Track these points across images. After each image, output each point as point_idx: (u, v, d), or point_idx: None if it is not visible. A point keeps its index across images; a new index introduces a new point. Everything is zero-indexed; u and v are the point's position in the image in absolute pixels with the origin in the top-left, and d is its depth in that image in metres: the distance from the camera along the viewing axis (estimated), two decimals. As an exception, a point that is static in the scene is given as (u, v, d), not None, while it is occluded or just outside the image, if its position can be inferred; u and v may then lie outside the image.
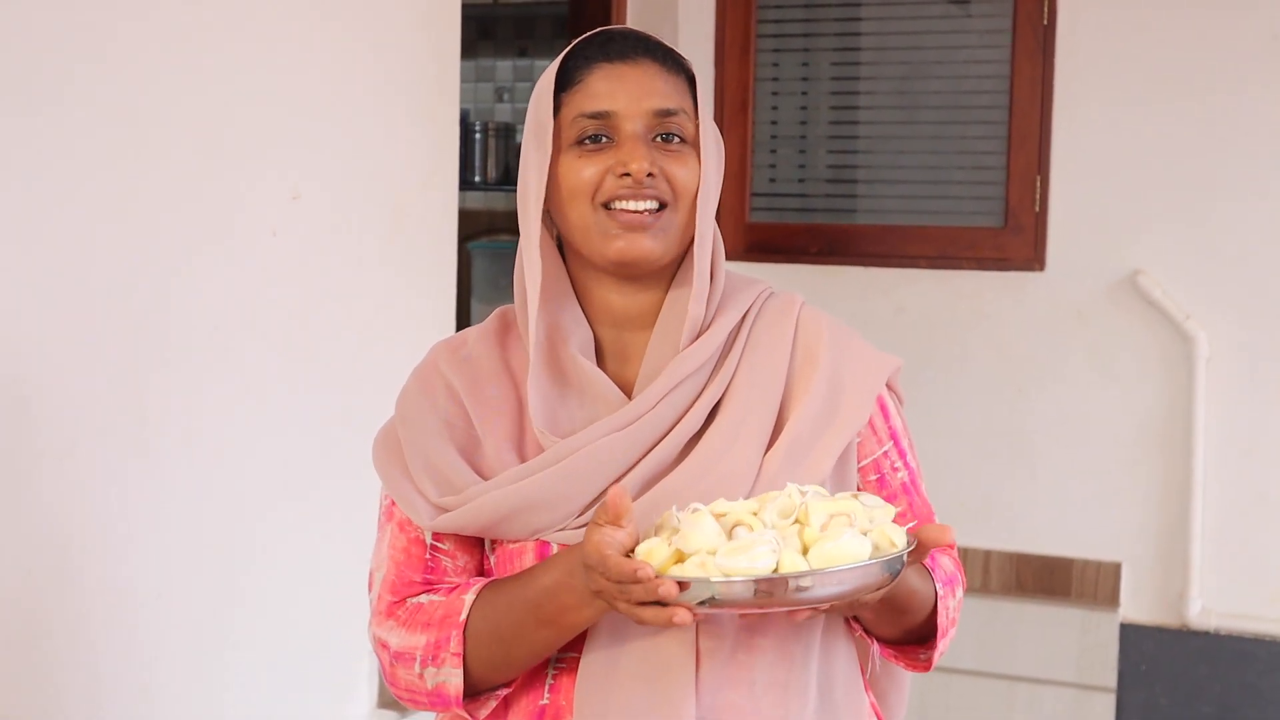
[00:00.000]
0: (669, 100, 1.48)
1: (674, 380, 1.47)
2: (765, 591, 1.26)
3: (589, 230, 1.48)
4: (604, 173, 1.46)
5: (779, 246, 4.07)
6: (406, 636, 1.49)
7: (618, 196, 1.46)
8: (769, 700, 1.45)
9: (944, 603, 1.50)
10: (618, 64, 1.49)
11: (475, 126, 5.33)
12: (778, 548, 1.27)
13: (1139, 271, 3.74)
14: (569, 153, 1.48)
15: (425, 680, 1.48)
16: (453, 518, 1.47)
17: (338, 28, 2.69)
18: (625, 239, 1.46)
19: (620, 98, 1.47)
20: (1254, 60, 3.65)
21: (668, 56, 1.51)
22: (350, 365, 2.74)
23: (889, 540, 1.30)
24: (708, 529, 1.30)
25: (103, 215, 2.19)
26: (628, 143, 1.46)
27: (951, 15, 3.98)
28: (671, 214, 1.47)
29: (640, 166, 1.45)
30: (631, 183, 1.45)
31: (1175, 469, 3.74)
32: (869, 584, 1.29)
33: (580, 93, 1.48)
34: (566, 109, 1.49)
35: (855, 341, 1.57)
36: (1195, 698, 3.76)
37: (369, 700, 2.84)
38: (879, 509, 1.34)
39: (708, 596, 1.26)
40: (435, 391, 1.54)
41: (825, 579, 1.26)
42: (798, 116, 4.17)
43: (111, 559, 2.24)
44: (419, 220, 2.93)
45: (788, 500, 1.33)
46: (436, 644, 1.47)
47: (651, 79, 1.48)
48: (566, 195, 1.48)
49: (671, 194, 1.47)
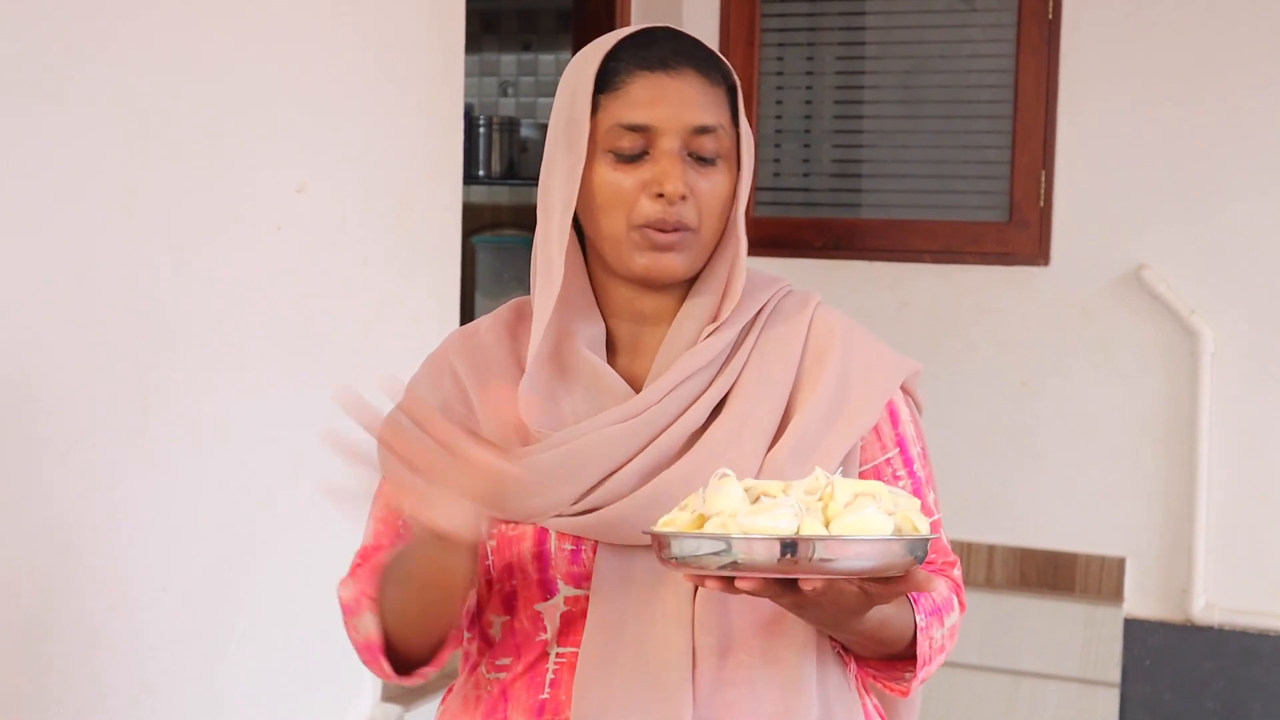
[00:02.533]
0: (707, 116, 1.47)
1: (683, 374, 1.47)
2: (789, 558, 1.23)
3: (619, 244, 1.47)
4: (639, 189, 1.46)
5: (783, 241, 4.07)
6: (352, 587, 1.50)
7: (653, 220, 1.45)
8: (770, 698, 1.44)
9: (926, 633, 1.47)
10: (659, 74, 1.46)
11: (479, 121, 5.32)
12: (800, 514, 1.26)
13: (1144, 266, 3.73)
14: (603, 160, 1.47)
15: (359, 632, 1.48)
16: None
17: (342, 22, 2.68)
18: (652, 257, 1.46)
19: (660, 112, 1.45)
20: (1260, 55, 3.64)
21: (711, 66, 1.49)
22: (354, 359, 2.73)
23: (912, 525, 1.28)
24: (733, 493, 1.28)
25: (107, 210, 2.19)
26: (664, 160, 1.45)
27: (956, 9, 3.98)
28: (697, 234, 1.47)
29: (675, 189, 1.44)
30: (665, 203, 1.45)
31: (1179, 464, 3.74)
32: (891, 563, 1.26)
33: (620, 99, 1.46)
34: (604, 113, 1.47)
35: (870, 343, 1.56)
36: (1199, 693, 3.76)
37: (373, 695, 2.84)
38: (904, 497, 1.32)
39: (731, 560, 1.24)
40: (441, 377, 1.55)
41: (847, 548, 1.24)
42: (802, 111, 4.17)
43: (115, 554, 2.24)
44: (423, 214, 2.93)
45: (814, 480, 1.31)
46: (362, 591, 1.48)
47: (692, 93, 1.47)
48: (600, 206, 1.47)
49: (698, 215, 1.47)
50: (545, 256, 1.49)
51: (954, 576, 1.57)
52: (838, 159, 4.15)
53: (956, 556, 1.60)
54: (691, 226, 1.46)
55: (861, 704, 1.56)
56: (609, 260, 1.50)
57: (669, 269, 1.47)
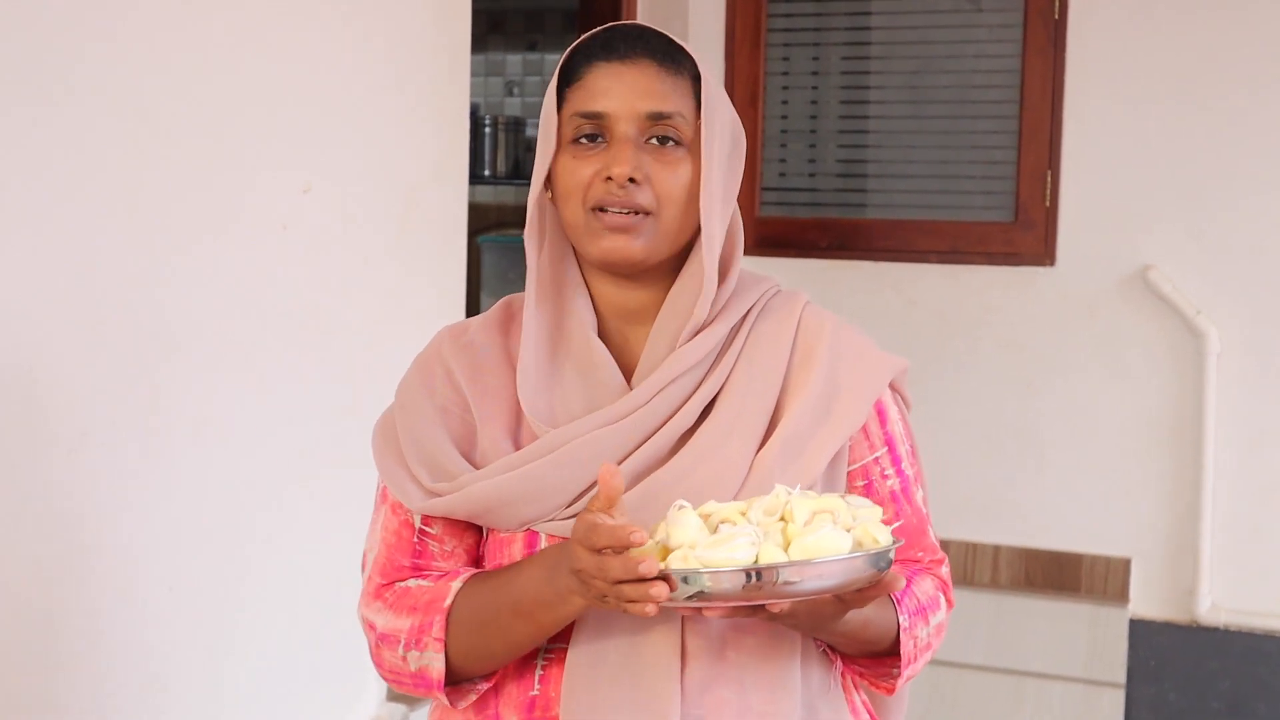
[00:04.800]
0: (664, 103, 1.48)
1: (670, 375, 1.47)
2: (754, 584, 1.27)
3: (579, 229, 1.49)
4: (594, 174, 1.47)
5: (789, 241, 4.07)
6: (393, 619, 1.50)
7: (603, 201, 1.46)
8: (758, 698, 1.45)
9: (910, 633, 1.48)
10: (615, 63, 1.48)
11: (485, 120, 5.33)
12: (757, 541, 1.29)
13: (1149, 267, 3.73)
14: (566, 150, 1.49)
15: (409, 663, 1.49)
16: (442, 502, 1.48)
17: (348, 21, 2.69)
18: (609, 240, 1.47)
19: (614, 98, 1.47)
20: (1266, 55, 3.64)
21: (669, 55, 1.50)
22: (359, 358, 2.74)
23: (872, 538, 1.31)
24: (690, 524, 1.32)
25: (113, 209, 2.19)
26: (616, 144, 1.47)
27: (962, 9, 3.98)
28: (654, 219, 1.47)
29: (621, 171, 1.45)
30: (615, 186, 1.46)
31: (1185, 464, 3.74)
32: (855, 578, 1.30)
33: (579, 90, 1.49)
34: (567, 105, 1.50)
35: (858, 342, 1.56)
36: (1205, 693, 3.75)
37: (377, 694, 2.84)
38: (864, 509, 1.34)
39: (698, 590, 1.27)
40: (434, 378, 1.55)
41: (809, 570, 1.27)
42: (808, 111, 4.17)
43: (121, 552, 2.24)
44: (429, 214, 2.93)
45: (774, 499, 1.34)
46: (420, 628, 1.48)
47: (649, 80, 1.48)
48: (561, 193, 1.50)
49: (655, 200, 1.47)
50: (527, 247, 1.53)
51: (941, 575, 1.58)
52: (843, 159, 4.15)
53: (944, 554, 1.61)
54: (647, 209, 1.47)
55: (848, 700, 1.56)
56: (577, 248, 1.52)
57: (625, 252, 1.47)
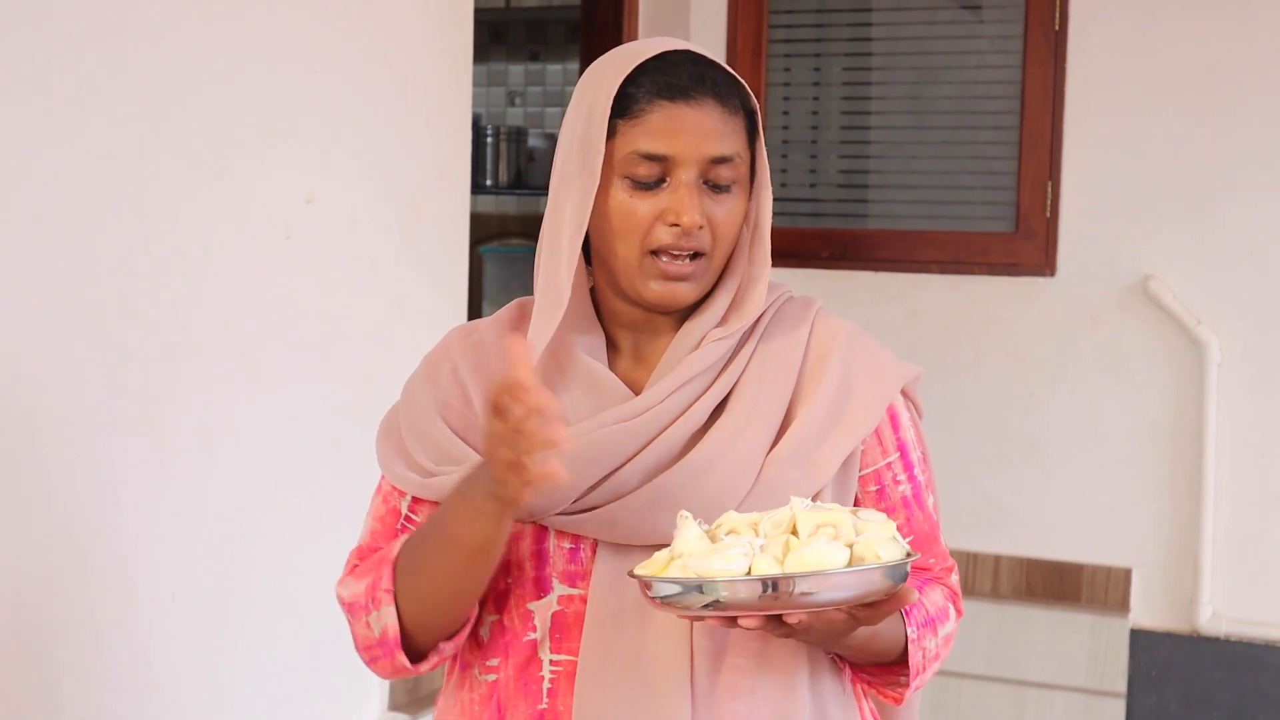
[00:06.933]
0: (725, 146, 1.47)
1: (685, 377, 1.48)
2: (770, 594, 1.27)
3: (631, 269, 1.48)
4: (655, 217, 1.46)
5: (790, 251, 4.07)
6: (354, 585, 1.51)
7: (666, 247, 1.46)
8: (768, 702, 1.46)
9: (918, 644, 1.48)
10: (680, 104, 1.46)
11: (487, 130, 5.34)
12: (751, 553, 1.30)
13: (1150, 277, 3.73)
14: (619, 186, 1.47)
15: (373, 629, 1.49)
16: (442, 480, 1.48)
17: (351, 30, 2.70)
18: (665, 286, 1.47)
19: (679, 142, 1.45)
20: (1265, 66, 3.65)
21: (730, 93, 1.49)
22: (362, 367, 2.74)
23: (874, 553, 1.31)
24: (690, 534, 1.33)
25: (115, 215, 2.20)
26: (681, 190, 1.46)
27: (963, 20, 3.98)
28: (708, 260, 1.48)
29: (693, 220, 1.45)
30: (680, 232, 1.45)
31: (1186, 474, 3.74)
32: (870, 590, 1.31)
33: (638, 128, 1.46)
34: (622, 139, 1.46)
35: (872, 347, 1.57)
36: (1206, 703, 3.75)
37: (380, 701, 2.84)
38: (876, 524, 1.35)
39: (713, 599, 1.28)
40: (440, 374, 1.55)
41: (826, 582, 1.28)
42: (809, 121, 4.18)
43: (124, 557, 2.24)
44: (431, 223, 2.94)
45: (783, 511, 1.35)
46: (373, 585, 1.48)
47: (712, 123, 1.47)
48: (615, 231, 1.47)
49: (711, 242, 1.48)
50: (552, 276, 1.49)
51: (950, 583, 1.58)
52: (845, 169, 4.16)
53: (954, 562, 1.61)
54: (705, 252, 1.48)
55: (858, 707, 1.57)
56: (620, 283, 1.50)
57: (680, 298, 1.48)
